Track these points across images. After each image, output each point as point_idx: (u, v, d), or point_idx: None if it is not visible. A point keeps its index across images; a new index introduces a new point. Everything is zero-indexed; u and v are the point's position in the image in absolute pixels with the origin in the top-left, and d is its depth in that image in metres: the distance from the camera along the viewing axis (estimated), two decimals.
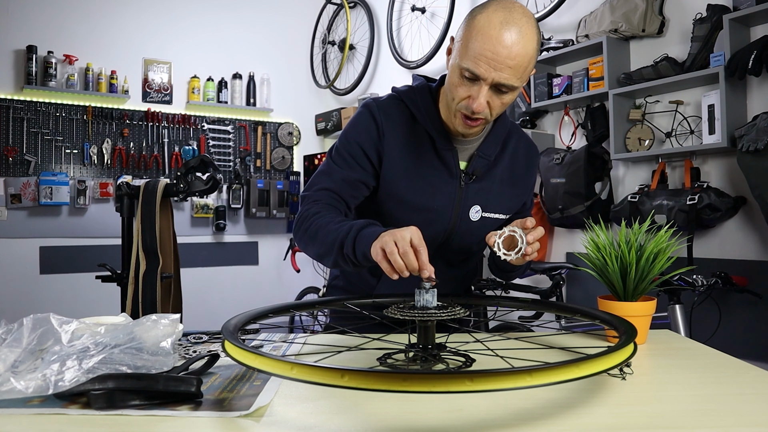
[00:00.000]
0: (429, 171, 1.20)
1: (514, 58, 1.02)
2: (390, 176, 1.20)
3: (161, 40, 4.53)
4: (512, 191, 1.29)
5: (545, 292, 2.70)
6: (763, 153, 2.04)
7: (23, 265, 4.02)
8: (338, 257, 1.08)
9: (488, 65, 1.03)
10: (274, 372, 0.66)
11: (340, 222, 1.10)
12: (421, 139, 1.20)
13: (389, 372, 0.61)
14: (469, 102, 1.08)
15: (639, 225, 1.12)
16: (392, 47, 4.23)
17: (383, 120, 1.20)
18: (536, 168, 1.36)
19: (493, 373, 0.61)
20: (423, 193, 1.20)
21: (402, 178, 1.20)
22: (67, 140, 4.18)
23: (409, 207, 1.21)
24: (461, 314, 0.92)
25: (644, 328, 1.10)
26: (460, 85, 1.08)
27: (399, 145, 1.20)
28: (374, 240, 0.99)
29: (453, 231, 1.25)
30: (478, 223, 1.25)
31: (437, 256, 1.28)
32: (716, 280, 2.07)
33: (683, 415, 0.72)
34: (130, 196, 2.34)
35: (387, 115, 1.21)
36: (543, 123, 3.20)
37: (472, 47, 1.03)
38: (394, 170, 1.20)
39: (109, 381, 0.73)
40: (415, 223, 1.11)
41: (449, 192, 1.22)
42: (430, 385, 0.60)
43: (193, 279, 4.05)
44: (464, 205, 1.23)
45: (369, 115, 1.22)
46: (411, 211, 1.21)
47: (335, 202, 1.19)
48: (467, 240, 1.27)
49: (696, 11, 2.42)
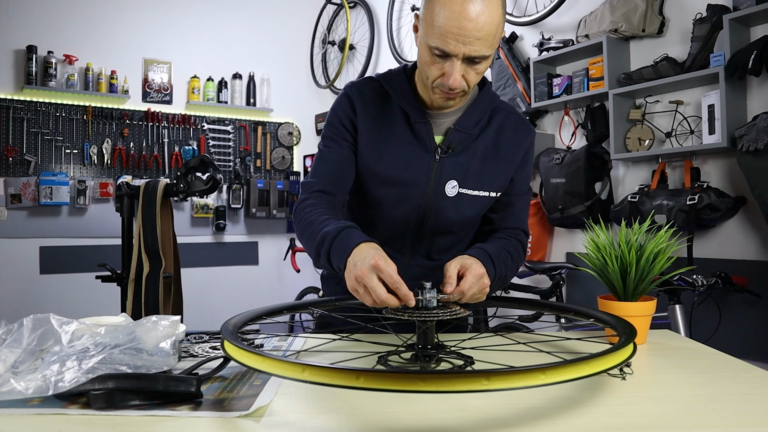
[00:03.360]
0: (402, 145, 1.19)
1: (481, 29, 1.00)
2: (363, 150, 1.20)
3: (161, 40, 4.53)
4: (496, 168, 1.22)
5: (545, 292, 2.70)
6: (763, 153, 2.04)
7: (23, 265, 4.02)
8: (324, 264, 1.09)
9: (456, 41, 1.01)
10: (286, 375, 0.66)
11: (321, 223, 1.10)
12: (394, 115, 1.20)
13: (406, 373, 0.61)
14: (443, 80, 1.07)
15: (639, 225, 1.12)
16: (392, 47, 4.23)
17: (355, 96, 1.23)
18: (529, 147, 1.27)
19: (508, 372, 0.61)
20: (395, 166, 1.19)
21: (374, 151, 1.20)
22: (67, 140, 4.18)
23: (382, 181, 1.20)
24: (461, 314, 0.92)
25: (644, 328, 1.10)
26: (432, 64, 1.07)
27: (371, 119, 1.21)
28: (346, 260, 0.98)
29: (428, 207, 1.20)
30: (454, 199, 1.20)
31: (417, 245, 1.25)
32: (716, 280, 2.07)
33: (683, 415, 0.72)
34: (130, 196, 2.34)
35: (360, 93, 1.23)
36: (543, 123, 3.20)
37: (437, 24, 1.01)
38: (367, 144, 1.20)
39: (109, 381, 0.73)
40: (390, 198, 1.14)
41: (423, 166, 1.19)
42: (448, 385, 0.60)
43: (193, 279, 4.05)
44: (439, 180, 1.19)
45: (344, 95, 1.25)
46: (386, 185, 1.20)
47: (330, 187, 1.20)
48: (444, 218, 1.21)
49: (696, 11, 2.42)
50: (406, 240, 1.26)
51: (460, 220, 1.22)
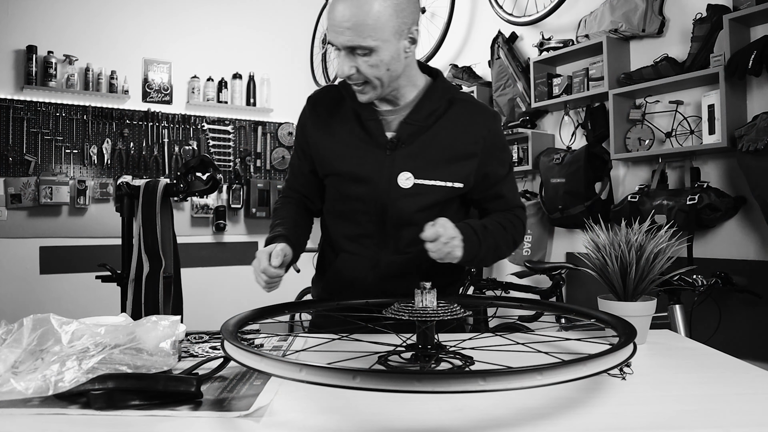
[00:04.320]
0: (356, 143, 1.26)
1: (348, 20, 1.09)
2: (323, 153, 1.30)
3: (161, 40, 4.53)
4: (453, 157, 1.25)
5: (545, 292, 2.70)
6: (763, 153, 2.04)
7: (23, 265, 4.02)
8: None
9: (333, 32, 1.12)
10: (283, 375, 0.66)
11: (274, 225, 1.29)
12: (348, 116, 1.29)
13: (402, 373, 0.61)
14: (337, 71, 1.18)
15: (639, 225, 1.12)
16: None
17: (308, 107, 1.35)
18: (491, 134, 1.28)
19: (505, 373, 0.61)
20: (352, 163, 1.26)
21: (332, 152, 1.28)
22: (67, 140, 4.17)
23: (343, 178, 1.28)
24: (461, 314, 0.92)
25: (644, 328, 1.10)
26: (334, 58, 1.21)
27: (325, 124, 1.30)
28: None
29: (386, 200, 1.24)
30: (411, 191, 1.23)
31: (384, 239, 1.28)
32: (716, 280, 2.07)
33: (683, 415, 0.72)
34: (130, 196, 2.34)
35: (313, 103, 1.34)
36: (543, 123, 3.20)
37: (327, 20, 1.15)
38: (324, 147, 1.30)
39: (109, 381, 0.73)
40: (354, 195, 1.26)
41: (376, 161, 1.24)
42: (444, 386, 0.60)
43: (193, 279, 4.04)
44: (392, 172, 1.23)
45: (303, 108, 1.37)
46: (347, 182, 1.27)
47: (293, 193, 1.39)
48: (402, 210, 1.24)
49: (696, 11, 2.42)
50: (374, 234, 1.29)
51: (421, 211, 1.24)
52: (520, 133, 3.11)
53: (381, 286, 1.25)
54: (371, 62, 1.14)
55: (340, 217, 1.32)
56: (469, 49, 3.76)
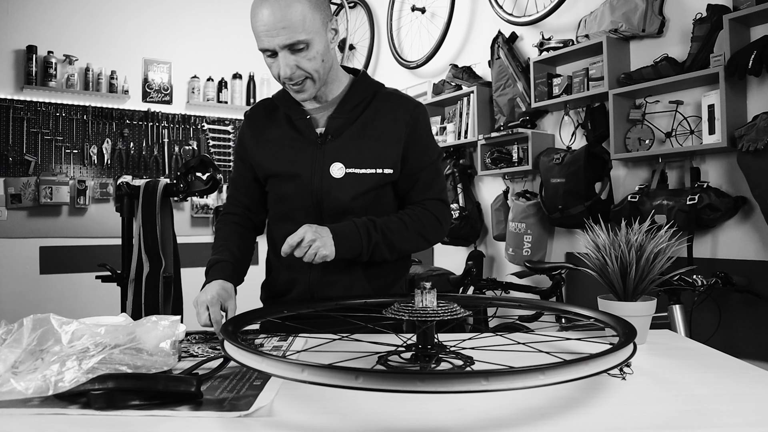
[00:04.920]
0: (289, 143, 1.33)
1: (281, 20, 1.15)
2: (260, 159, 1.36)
3: (161, 40, 4.53)
4: (379, 145, 1.30)
5: (545, 292, 2.70)
6: (763, 153, 2.04)
7: (23, 265, 4.02)
8: None
9: (267, 37, 1.17)
10: (285, 375, 0.66)
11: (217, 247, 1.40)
12: (280, 121, 1.36)
13: (404, 373, 0.61)
14: (281, 73, 1.22)
15: (639, 225, 1.12)
16: (392, 47, 4.23)
17: (245, 120, 1.43)
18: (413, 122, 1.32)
19: (507, 372, 0.61)
20: (285, 162, 1.32)
21: (267, 156, 1.35)
22: (67, 140, 4.18)
23: (279, 178, 1.33)
24: (461, 314, 0.92)
25: (644, 328, 1.10)
26: (271, 65, 1.24)
27: (260, 132, 1.37)
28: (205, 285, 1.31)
29: (320, 191, 1.29)
30: (343, 180, 1.28)
31: None
32: (716, 280, 2.07)
33: (683, 415, 0.72)
34: (130, 196, 2.34)
35: (251, 115, 1.42)
36: (543, 123, 3.20)
37: (254, 31, 1.20)
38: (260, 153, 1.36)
39: (109, 381, 0.73)
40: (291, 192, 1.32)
41: (308, 155, 1.31)
42: (446, 386, 0.60)
43: (193, 279, 4.03)
44: (324, 165, 1.29)
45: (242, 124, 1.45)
46: (282, 181, 1.33)
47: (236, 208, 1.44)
48: (337, 199, 1.28)
49: (696, 11, 2.42)
50: None
51: (355, 199, 1.29)
52: (520, 133, 3.11)
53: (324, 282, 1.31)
54: (309, 56, 1.20)
55: (281, 219, 1.37)
56: (469, 49, 3.76)
